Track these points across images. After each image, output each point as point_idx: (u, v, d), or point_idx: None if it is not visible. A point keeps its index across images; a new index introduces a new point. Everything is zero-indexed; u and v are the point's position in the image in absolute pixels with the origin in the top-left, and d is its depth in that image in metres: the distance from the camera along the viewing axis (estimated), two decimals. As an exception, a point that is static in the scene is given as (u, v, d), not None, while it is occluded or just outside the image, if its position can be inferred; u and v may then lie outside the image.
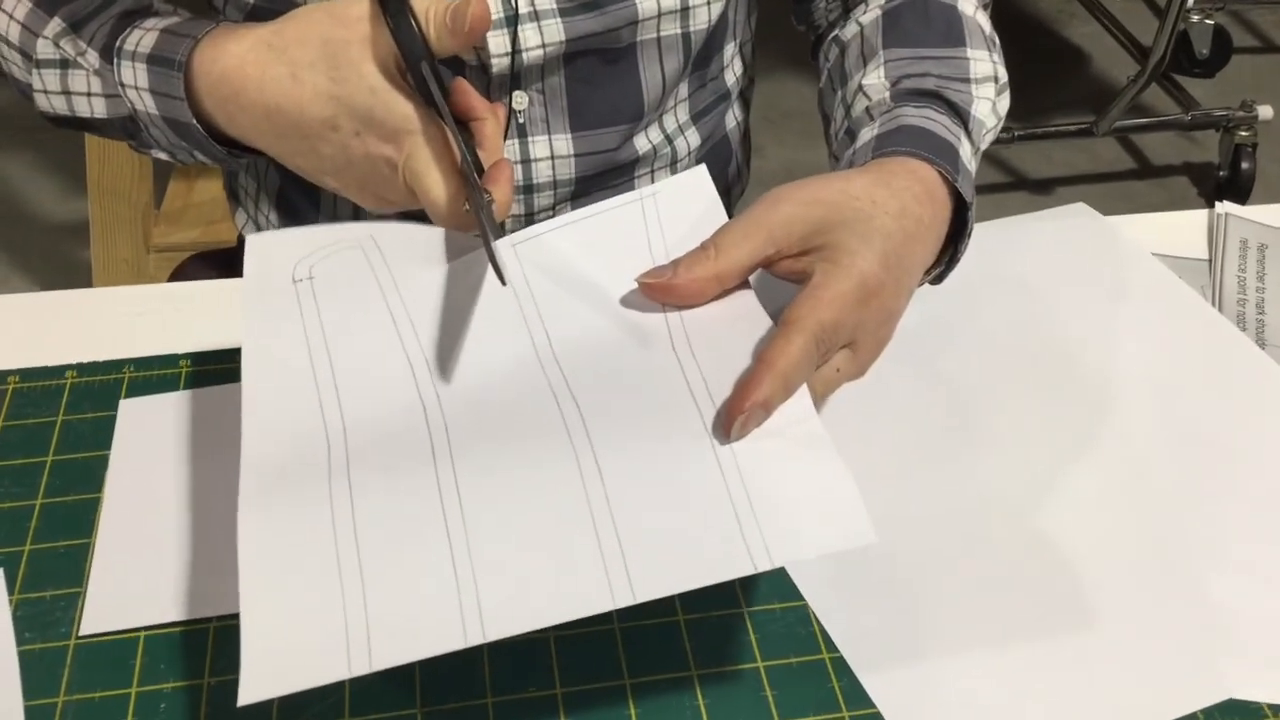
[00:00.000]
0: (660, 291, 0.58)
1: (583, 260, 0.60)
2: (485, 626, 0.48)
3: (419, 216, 0.62)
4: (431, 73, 0.59)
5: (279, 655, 0.48)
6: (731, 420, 0.52)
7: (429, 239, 0.62)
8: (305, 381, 0.57)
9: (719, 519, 0.50)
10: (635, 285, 0.58)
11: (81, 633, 0.56)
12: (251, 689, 0.46)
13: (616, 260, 0.59)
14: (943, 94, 0.68)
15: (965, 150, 0.66)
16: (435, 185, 0.59)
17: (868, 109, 0.69)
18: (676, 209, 0.61)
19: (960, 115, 0.67)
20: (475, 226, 0.60)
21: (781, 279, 0.59)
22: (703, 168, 0.63)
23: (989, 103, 0.70)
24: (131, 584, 0.58)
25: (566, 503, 0.51)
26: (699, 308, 0.58)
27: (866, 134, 0.67)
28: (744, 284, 0.59)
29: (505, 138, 0.77)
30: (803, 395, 0.54)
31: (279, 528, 0.51)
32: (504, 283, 0.55)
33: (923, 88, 0.68)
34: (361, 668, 0.47)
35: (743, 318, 0.57)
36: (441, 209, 0.59)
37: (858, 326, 0.57)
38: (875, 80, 0.70)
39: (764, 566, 0.49)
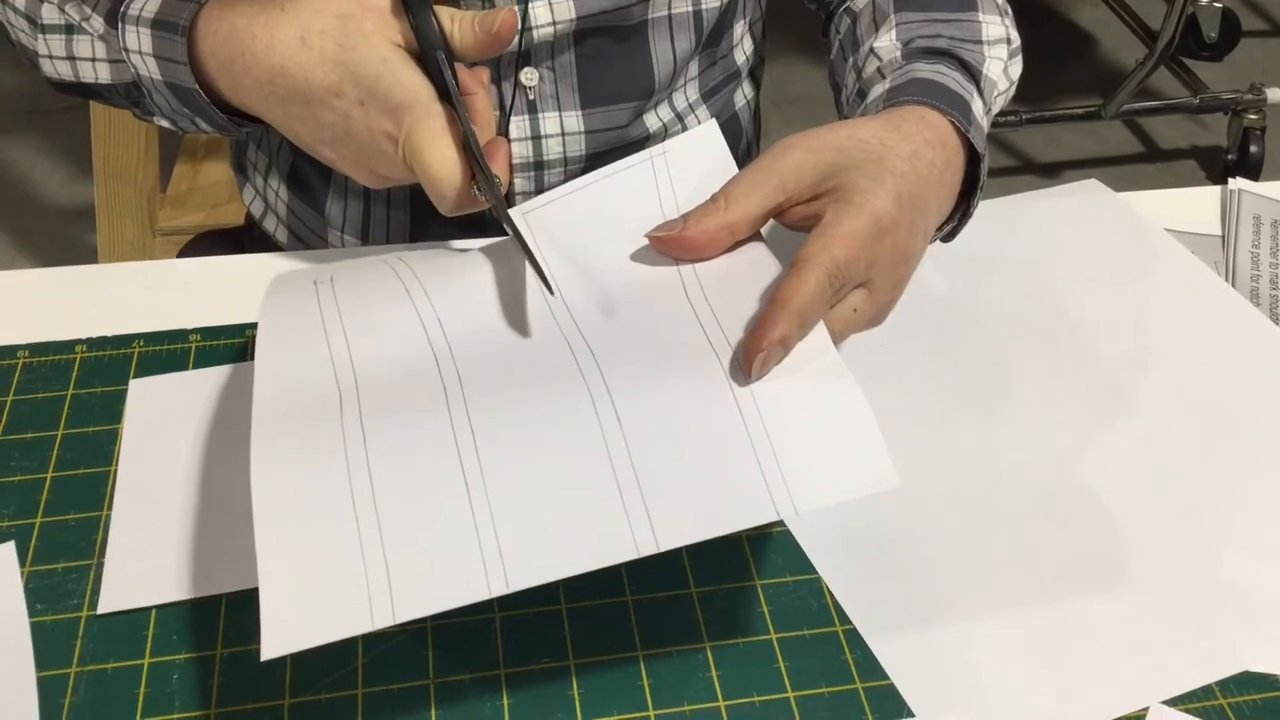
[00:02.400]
0: (672, 245, 0.57)
1: (594, 221, 0.60)
2: (509, 576, 0.47)
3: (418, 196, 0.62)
4: (447, 63, 0.59)
5: (300, 610, 0.47)
6: (751, 359, 0.52)
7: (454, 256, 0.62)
8: (316, 334, 0.57)
9: (741, 464, 0.50)
10: (647, 242, 0.58)
11: (99, 612, 0.55)
12: (273, 644, 0.46)
13: (628, 219, 0.59)
14: (955, 53, 0.68)
15: (978, 106, 0.65)
16: (436, 162, 0.58)
17: (879, 69, 0.69)
18: (687, 165, 0.61)
19: (972, 74, 0.67)
20: (478, 207, 0.60)
21: (794, 228, 0.59)
22: (713, 122, 0.62)
23: (1001, 63, 0.70)
24: (147, 563, 0.57)
25: (585, 450, 0.50)
26: (712, 260, 0.57)
27: (878, 90, 0.67)
28: (756, 235, 0.58)
29: (515, 114, 0.76)
30: (820, 331, 0.54)
31: (293, 477, 0.50)
32: (551, 292, 0.55)
33: (935, 47, 0.68)
34: (384, 620, 0.46)
35: (755, 267, 0.57)
36: (442, 186, 0.59)
37: (872, 265, 0.56)
38: (887, 42, 0.70)
39: (787, 513, 0.49)
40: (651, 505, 0.49)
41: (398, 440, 0.51)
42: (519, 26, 0.72)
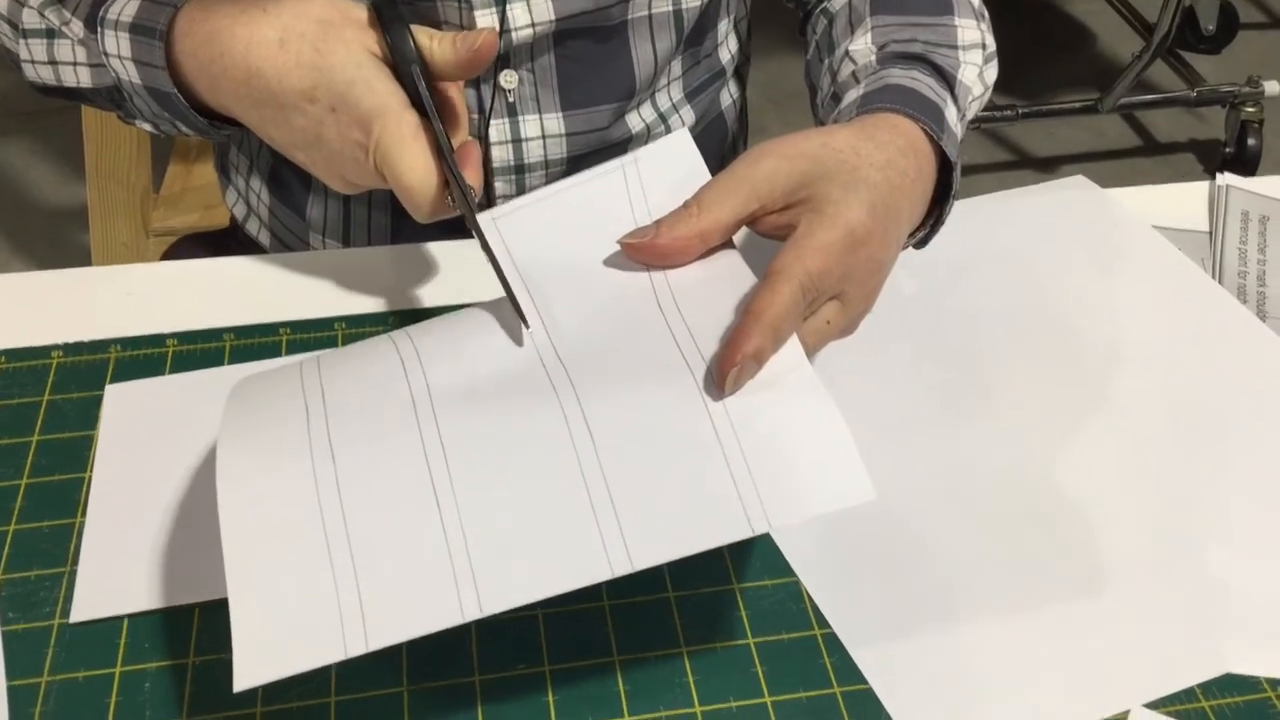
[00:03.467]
0: (643, 252, 0.57)
1: (565, 229, 0.59)
2: (482, 601, 0.47)
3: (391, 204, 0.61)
4: (422, 79, 0.58)
5: (272, 639, 0.47)
6: (724, 375, 0.51)
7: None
8: (289, 368, 0.56)
9: (715, 480, 0.49)
10: (618, 249, 0.57)
11: (71, 621, 0.55)
12: (246, 675, 0.45)
13: (599, 227, 0.58)
14: (929, 58, 0.67)
15: (951, 113, 0.65)
16: (407, 170, 0.58)
17: (854, 73, 0.69)
18: (659, 173, 0.60)
19: (946, 79, 0.67)
20: (452, 214, 0.60)
21: (766, 236, 0.58)
22: (684, 131, 0.62)
23: (975, 68, 0.70)
24: (120, 572, 0.57)
25: (558, 467, 0.50)
26: (684, 268, 0.57)
27: (852, 95, 0.66)
28: (728, 244, 0.58)
29: (495, 117, 0.76)
30: (793, 344, 0.54)
31: (262, 502, 0.50)
32: (527, 325, 0.54)
33: (909, 51, 0.68)
34: (358, 648, 0.46)
35: (728, 277, 0.56)
36: (417, 196, 0.58)
37: (845, 277, 0.56)
38: (862, 45, 0.70)
39: (762, 529, 0.48)
40: (625, 524, 0.49)
41: (367, 457, 0.51)
42: (499, 31, 0.72)
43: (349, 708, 0.52)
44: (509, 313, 0.56)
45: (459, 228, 0.77)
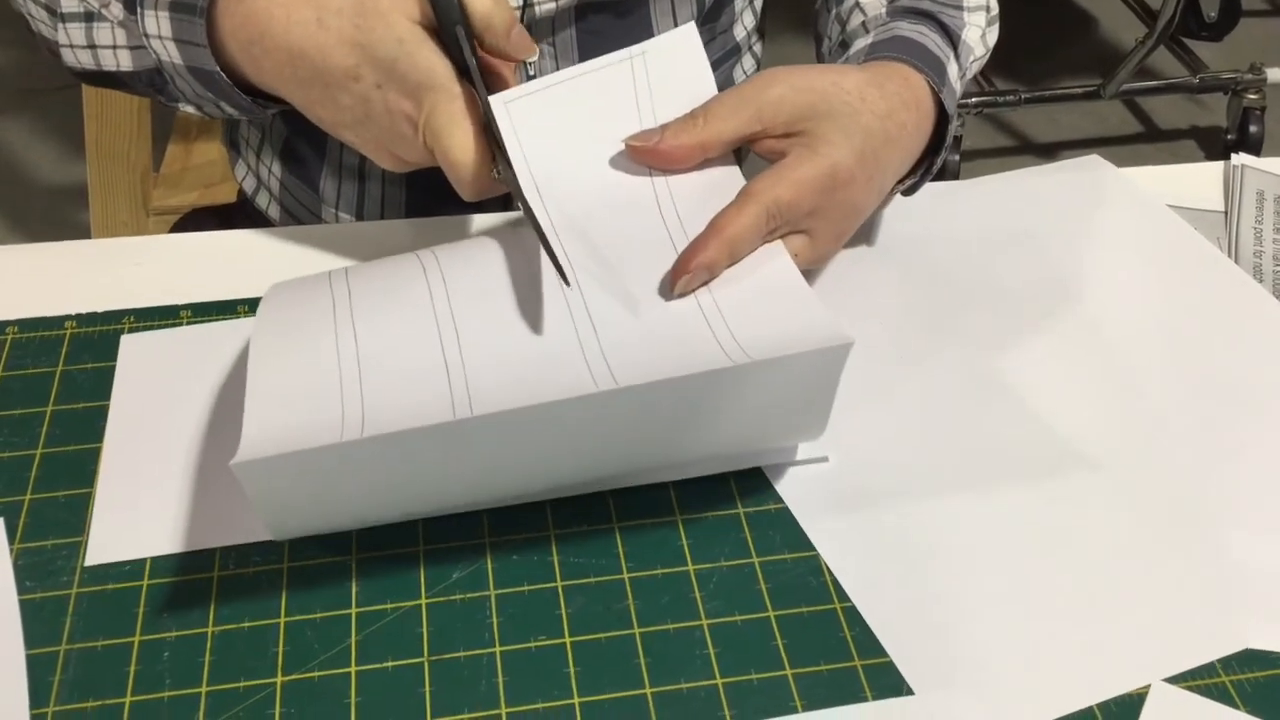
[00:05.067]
0: (646, 155, 0.60)
1: (574, 120, 0.62)
2: (474, 403, 0.52)
3: (438, 179, 0.61)
4: (466, 39, 0.58)
5: (278, 421, 0.52)
6: (676, 279, 0.56)
7: None
8: (319, 281, 0.62)
9: (695, 327, 0.55)
10: (622, 145, 0.61)
11: (87, 564, 0.55)
12: (249, 449, 0.50)
13: (606, 120, 0.62)
14: (936, 16, 0.70)
15: (953, 70, 0.68)
16: (457, 146, 0.58)
17: (863, 23, 0.72)
18: (665, 68, 0.63)
19: (951, 37, 0.69)
20: (498, 192, 0.59)
21: (760, 156, 0.62)
22: (691, 25, 0.64)
23: (979, 30, 0.73)
24: (137, 514, 0.57)
25: (549, 312, 0.56)
26: (683, 173, 0.61)
27: (860, 43, 0.69)
28: (729, 158, 0.62)
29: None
30: (778, 248, 0.59)
31: (287, 329, 0.57)
32: (567, 283, 0.57)
33: (917, 7, 0.71)
34: (353, 433, 0.51)
35: (722, 186, 0.61)
36: (464, 171, 0.58)
37: (816, 213, 0.60)
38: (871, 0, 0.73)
39: (740, 360, 0.53)
40: (609, 353, 0.54)
41: (382, 310, 0.58)
42: (521, 2, 0.71)
43: (370, 677, 0.52)
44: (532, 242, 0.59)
45: (475, 204, 0.77)
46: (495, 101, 0.60)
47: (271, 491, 0.52)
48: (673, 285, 0.56)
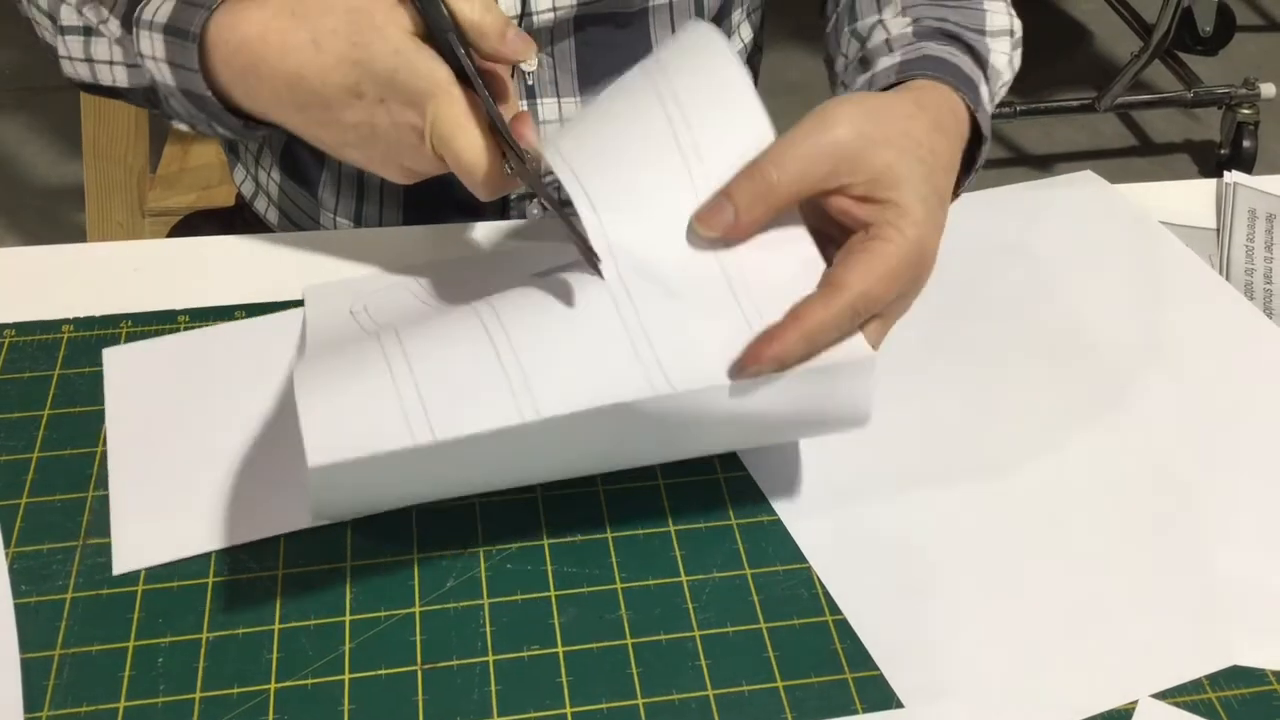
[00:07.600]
0: (722, 232, 0.55)
1: (612, 150, 0.57)
2: (539, 406, 0.51)
3: (453, 185, 0.61)
4: (460, 45, 0.58)
5: (337, 426, 0.51)
6: (745, 365, 0.53)
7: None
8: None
9: (739, 335, 0.54)
10: (666, 169, 0.56)
11: (114, 573, 0.56)
12: (318, 454, 0.49)
13: (643, 144, 0.57)
14: (962, 38, 0.68)
15: (984, 92, 0.66)
16: (466, 148, 0.58)
17: (886, 41, 0.69)
18: (695, 87, 0.58)
19: (979, 61, 0.67)
20: (513, 188, 0.59)
21: (831, 214, 0.57)
22: (710, 27, 0.60)
23: (1005, 56, 0.71)
24: (154, 522, 0.58)
25: (601, 321, 0.54)
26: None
27: (886, 61, 0.66)
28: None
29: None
30: (813, 260, 0.56)
31: (330, 352, 0.56)
32: (600, 274, 0.55)
33: (944, 29, 0.68)
34: (424, 436, 0.50)
35: (786, 231, 0.56)
36: (477, 172, 0.58)
37: (896, 299, 0.56)
38: (894, 18, 0.70)
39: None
40: (664, 360, 0.53)
41: (418, 310, 0.59)
42: (519, 12, 0.72)
43: (363, 685, 0.52)
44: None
45: (470, 210, 0.78)
46: (548, 148, 0.57)
47: (335, 487, 0.52)
48: (741, 369, 0.52)
